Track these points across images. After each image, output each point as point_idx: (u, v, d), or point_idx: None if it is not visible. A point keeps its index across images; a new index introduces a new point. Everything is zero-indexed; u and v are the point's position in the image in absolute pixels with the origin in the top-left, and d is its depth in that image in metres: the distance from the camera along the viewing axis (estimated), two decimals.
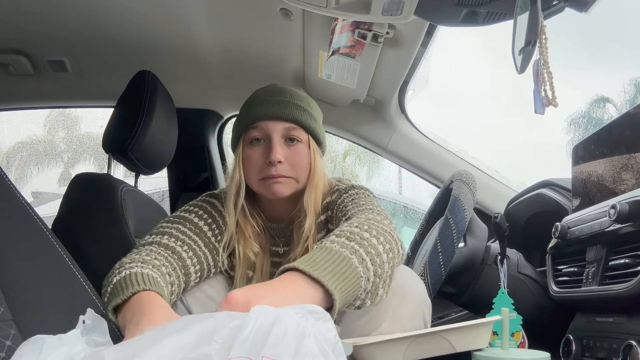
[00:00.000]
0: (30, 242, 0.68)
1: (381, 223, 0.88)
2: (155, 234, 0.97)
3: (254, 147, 1.04)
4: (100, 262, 1.13)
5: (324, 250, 0.75)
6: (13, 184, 0.70)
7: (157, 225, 1.00)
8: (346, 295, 0.73)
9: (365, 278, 0.76)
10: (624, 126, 1.12)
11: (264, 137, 1.03)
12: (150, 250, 0.92)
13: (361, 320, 0.96)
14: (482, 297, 1.27)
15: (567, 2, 0.80)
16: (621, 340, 0.91)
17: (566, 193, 1.39)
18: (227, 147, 2.11)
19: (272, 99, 1.04)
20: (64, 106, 2.17)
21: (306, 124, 1.04)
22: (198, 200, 1.09)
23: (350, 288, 0.73)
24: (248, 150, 1.04)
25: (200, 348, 0.44)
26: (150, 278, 0.80)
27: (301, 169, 1.04)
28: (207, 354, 0.44)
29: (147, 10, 1.42)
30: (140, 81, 1.36)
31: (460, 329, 0.89)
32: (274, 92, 1.06)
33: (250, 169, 1.03)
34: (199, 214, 1.04)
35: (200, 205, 1.07)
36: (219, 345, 0.44)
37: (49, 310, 0.64)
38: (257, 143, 1.03)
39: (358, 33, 1.30)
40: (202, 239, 1.01)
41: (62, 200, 1.30)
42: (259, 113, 1.03)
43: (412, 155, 1.84)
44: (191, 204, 1.08)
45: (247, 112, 1.06)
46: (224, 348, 0.44)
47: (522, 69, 0.77)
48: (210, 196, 1.10)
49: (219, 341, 0.45)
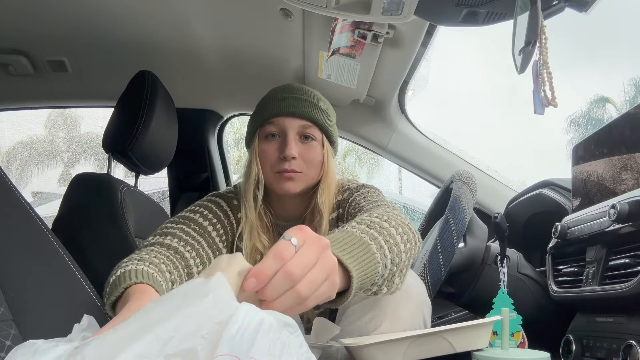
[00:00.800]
0: (30, 242, 0.68)
1: (399, 216, 0.89)
2: (159, 235, 0.97)
3: (269, 141, 1.05)
4: (101, 262, 1.13)
5: (344, 233, 0.75)
6: (13, 184, 0.70)
7: (162, 225, 1.00)
8: (364, 277, 0.73)
9: (383, 264, 0.76)
10: (624, 126, 1.12)
11: (279, 133, 1.05)
12: (151, 250, 0.92)
13: (361, 320, 0.96)
14: (482, 297, 1.27)
15: (567, 2, 0.80)
16: (621, 340, 0.91)
17: (566, 193, 1.39)
18: (227, 147, 2.11)
19: (289, 96, 1.06)
20: (64, 106, 2.17)
21: (321, 122, 1.06)
22: (204, 200, 1.09)
23: (368, 271, 0.73)
24: (264, 144, 1.05)
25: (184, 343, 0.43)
26: (145, 273, 0.80)
27: (313, 167, 1.06)
28: (192, 350, 0.42)
29: (147, 10, 1.43)
30: (141, 81, 1.36)
31: (460, 329, 0.89)
32: (292, 89, 1.08)
33: (265, 162, 1.05)
34: (204, 214, 1.04)
35: (205, 205, 1.06)
36: (204, 341, 0.43)
37: (49, 310, 0.64)
38: (272, 138, 1.05)
39: (358, 33, 1.30)
40: (205, 239, 1.00)
41: (62, 200, 1.30)
42: (276, 109, 1.04)
43: (412, 155, 1.84)
44: (197, 204, 1.08)
45: (264, 107, 1.07)
46: (209, 344, 0.43)
47: (522, 69, 0.77)
48: (216, 196, 1.10)
49: (205, 336, 0.43)
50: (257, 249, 1.06)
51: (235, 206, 1.08)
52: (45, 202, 4.78)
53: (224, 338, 0.43)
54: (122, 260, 0.87)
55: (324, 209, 1.05)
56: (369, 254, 0.74)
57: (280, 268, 0.55)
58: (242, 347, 0.43)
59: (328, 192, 1.07)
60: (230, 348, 0.43)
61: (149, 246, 0.94)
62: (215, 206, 1.07)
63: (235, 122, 2.13)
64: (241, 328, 0.44)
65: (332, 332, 0.91)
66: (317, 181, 1.07)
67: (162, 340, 0.43)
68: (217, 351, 0.42)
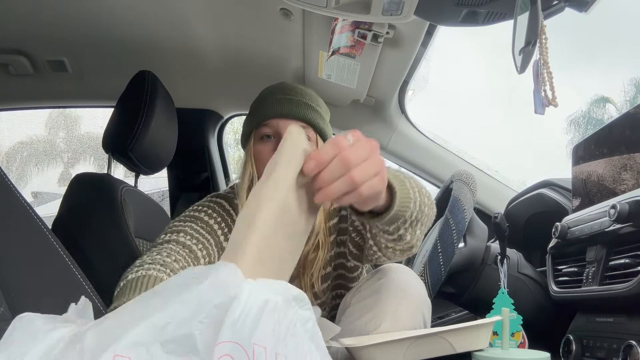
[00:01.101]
0: (30, 242, 0.68)
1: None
2: (170, 233, 0.99)
3: (264, 143, 1.06)
4: (101, 262, 1.13)
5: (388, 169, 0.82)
6: (13, 184, 0.70)
7: (170, 224, 1.02)
8: (402, 201, 0.79)
9: (414, 201, 0.83)
10: (624, 126, 1.12)
11: (274, 134, 1.05)
12: (164, 248, 0.94)
13: (361, 319, 0.97)
14: (482, 297, 1.27)
15: (567, 2, 0.80)
16: (621, 340, 0.91)
17: (566, 193, 1.39)
18: (227, 147, 2.11)
19: (283, 97, 1.07)
20: (64, 106, 2.17)
21: (315, 123, 1.07)
22: (206, 201, 1.10)
23: (404, 200, 0.80)
24: (259, 145, 1.06)
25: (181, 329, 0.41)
26: (153, 279, 0.82)
27: None
28: (190, 335, 0.41)
29: (147, 10, 1.42)
30: (140, 81, 1.36)
31: (460, 330, 0.89)
32: (286, 90, 1.08)
33: (261, 163, 1.06)
34: (209, 212, 1.06)
35: (209, 205, 1.08)
36: (203, 326, 0.42)
37: (49, 311, 0.64)
38: (268, 140, 1.06)
39: (358, 33, 1.29)
40: (213, 237, 1.02)
41: (62, 200, 1.30)
42: (270, 111, 1.06)
43: (412, 155, 1.84)
44: (199, 204, 1.09)
45: (258, 109, 1.08)
46: (209, 328, 0.42)
47: (522, 69, 0.77)
48: (217, 197, 1.11)
49: (203, 321, 0.42)
50: None
51: (237, 205, 1.09)
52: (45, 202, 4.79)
53: (226, 323, 0.41)
54: (144, 258, 0.89)
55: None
56: (405, 187, 0.81)
57: (336, 154, 0.61)
58: (244, 333, 0.42)
59: None
60: (233, 334, 0.41)
61: (163, 244, 0.96)
62: (218, 206, 1.08)
63: (235, 122, 2.13)
64: (244, 311, 0.43)
65: (332, 332, 0.91)
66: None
67: (158, 327, 0.42)
68: (219, 337, 0.41)
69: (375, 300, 0.98)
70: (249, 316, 0.43)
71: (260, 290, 0.46)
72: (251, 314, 0.43)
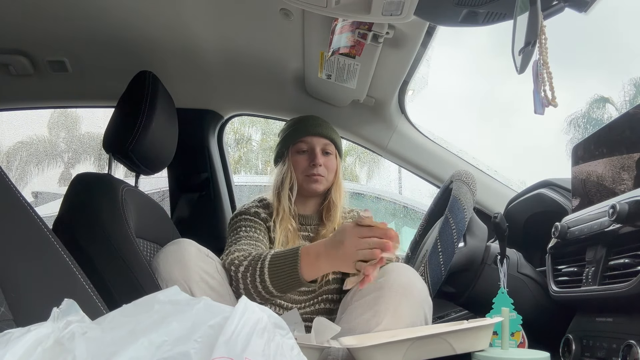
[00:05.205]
0: (30, 242, 0.68)
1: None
2: (238, 229, 1.34)
3: (300, 155, 1.43)
4: (101, 262, 1.13)
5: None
6: (13, 184, 0.70)
7: (233, 225, 1.36)
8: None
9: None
10: (623, 126, 1.12)
11: (307, 150, 1.43)
12: (248, 244, 1.27)
13: (363, 317, 0.97)
14: (482, 297, 1.27)
15: (567, 2, 0.80)
16: (621, 340, 0.91)
17: (566, 193, 1.39)
18: (227, 147, 2.11)
19: (314, 122, 1.47)
20: (64, 106, 2.17)
21: (336, 141, 1.47)
22: (244, 214, 1.39)
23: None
24: (296, 156, 1.43)
25: (177, 347, 0.44)
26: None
27: (331, 172, 1.44)
28: (185, 354, 0.43)
29: (147, 10, 1.43)
30: (141, 81, 1.36)
31: (460, 331, 0.89)
32: (314, 118, 1.49)
33: (298, 169, 1.42)
34: (255, 220, 1.37)
35: (250, 219, 1.38)
36: (198, 345, 0.44)
37: (49, 311, 0.64)
38: (303, 154, 1.43)
39: (358, 33, 1.29)
40: (263, 236, 1.35)
41: (63, 200, 1.30)
42: (307, 131, 1.44)
43: (412, 155, 1.84)
44: (243, 218, 1.37)
45: (296, 131, 1.46)
46: (203, 347, 0.44)
47: (521, 69, 0.77)
48: (261, 202, 1.45)
49: (198, 340, 0.44)
50: (288, 229, 1.38)
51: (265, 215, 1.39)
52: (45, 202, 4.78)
53: (220, 341, 0.44)
54: (228, 253, 1.21)
55: (337, 202, 1.42)
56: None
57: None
58: (237, 349, 0.44)
59: (339, 191, 1.45)
60: (226, 350, 0.44)
61: (242, 240, 1.28)
62: (256, 217, 1.39)
63: (235, 122, 2.15)
64: (237, 328, 0.45)
65: (332, 332, 0.91)
66: (332, 183, 1.44)
67: (155, 345, 0.44)
68: (214, 354, 0.43)
69: (377, 298, 0.98)
70: (241, 334, 0.46)
71: (252, 309, 0.48)
72: (244, 332, 0.46)
